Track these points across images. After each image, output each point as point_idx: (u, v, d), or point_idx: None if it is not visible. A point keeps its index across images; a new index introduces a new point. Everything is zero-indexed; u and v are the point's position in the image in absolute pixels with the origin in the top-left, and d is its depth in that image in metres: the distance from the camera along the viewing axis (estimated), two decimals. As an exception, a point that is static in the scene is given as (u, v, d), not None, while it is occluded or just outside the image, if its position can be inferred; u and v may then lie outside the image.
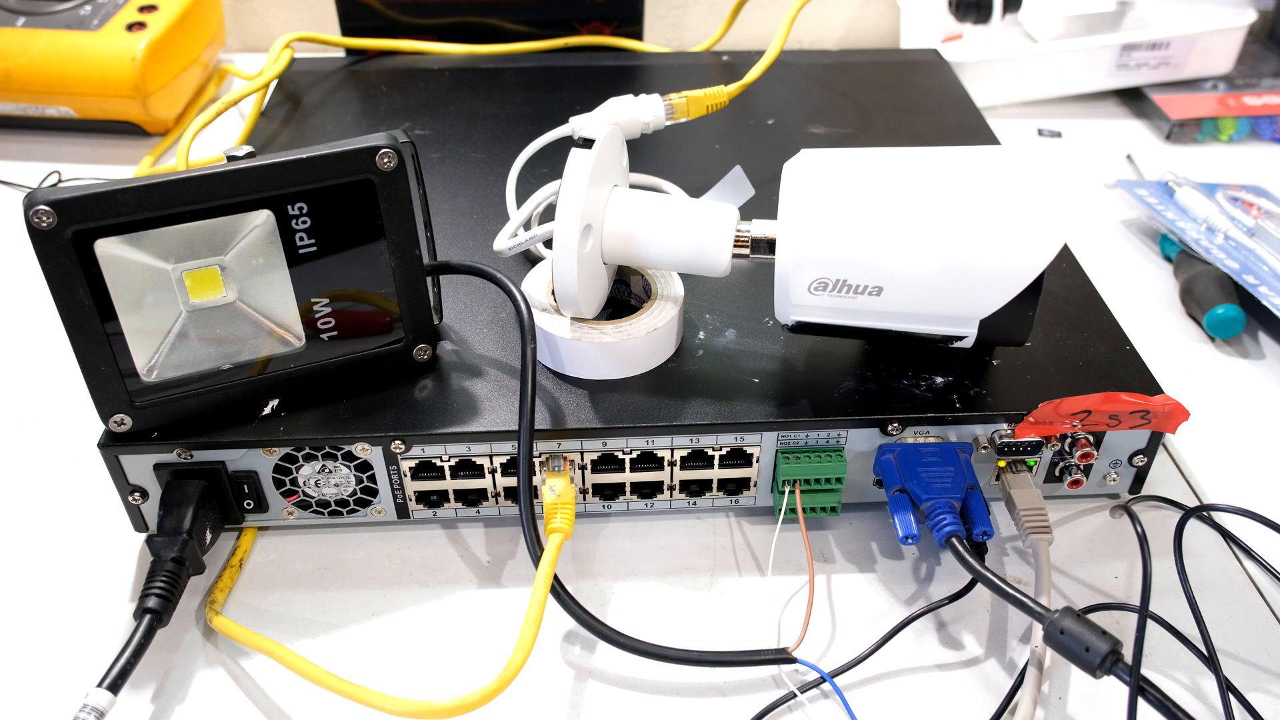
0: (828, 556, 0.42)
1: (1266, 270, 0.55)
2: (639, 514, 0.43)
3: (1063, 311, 0.46)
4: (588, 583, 0.41)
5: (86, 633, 0.39)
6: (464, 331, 0.44)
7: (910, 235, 0.36)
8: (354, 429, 0.39)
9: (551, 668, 0.38)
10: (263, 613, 0.40)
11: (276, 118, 0.63)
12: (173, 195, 0.35)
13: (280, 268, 0.38)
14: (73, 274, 0.34)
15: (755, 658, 0.37)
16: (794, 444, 0.41)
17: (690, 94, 0.53)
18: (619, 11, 0.74)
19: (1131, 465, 0.43)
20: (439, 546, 0.42)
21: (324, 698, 0.36)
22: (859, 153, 0.39)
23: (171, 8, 0.70)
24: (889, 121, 0.62)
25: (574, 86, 0.66)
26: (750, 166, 0.51)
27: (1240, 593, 0.41)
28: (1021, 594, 0.35)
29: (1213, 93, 0.75)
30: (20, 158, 0.69)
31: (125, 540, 0.42)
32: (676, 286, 0.43)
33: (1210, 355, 0.53)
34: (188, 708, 0.36)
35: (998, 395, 0.41)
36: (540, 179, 0.54)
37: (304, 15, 0.84)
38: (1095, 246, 0.61)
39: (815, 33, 0.87)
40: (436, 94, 0.65)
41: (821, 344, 0.43)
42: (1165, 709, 0.32)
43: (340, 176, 0.37)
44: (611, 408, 0.40)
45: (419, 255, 0.40)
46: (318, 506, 0.41)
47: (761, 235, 0.39)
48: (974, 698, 0.37)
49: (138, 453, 0.39)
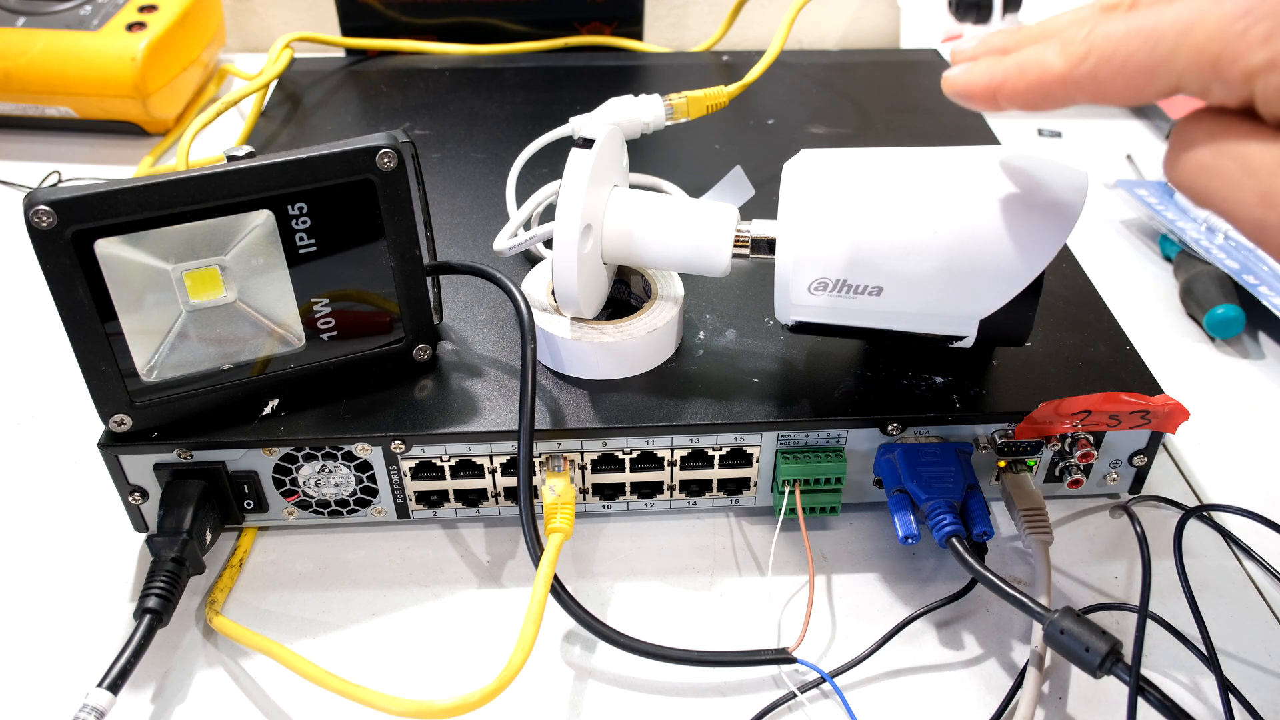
0: (828, 556, 0.42)
1: (1266, 270, 0.55)
2: (639, 514, 0.43)
3: (1063, 311, 0.46)
4: (588, 583, 0.41)
5: (86, 633, 0.39)
6: (464, 331, 0.44)
7: (910, 235, 0.36)
8: (354, 429, 0.39)
9: (551, 668, 0.38)
10: (263, 613, 0.40)
11: (276, 118, 0.63)
12: (173, 195, 0.35)
13: (280, 268, 0.38)
14: (73, 274, 0.34)
15: (755, 658, 0.37)
16: (794, 444, 0.41)
17: (690, 94, 0.53)
18: (619, 11, 0.74)
19: (1131, 465, 0.43)
20: (439, 546, 0.42)
21: (324, 698, 0.36)
22: (859, 153, 0.39)
23: (171, 8, 0.70)
24: (889, 121, 0.62)
25: (574, 86, 0.66)
26: (750, 166, 0.51)
27: (1240, 593, 0.41)
28: (1021, 594, 0.35)
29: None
30: (20, 158, 0.69)
31: (125, 540, 0.42)
32: (676, 286, 0.43)
33: (1210, 355, 0.53)
34: (188, 708, 0.36)
35: (998, 395, 0.41)
36: (540, 179, 0.54)
37: (304, 15, 0.84)
38: (1095, 246, 0.61)
39: (815, 33, 0.87)
40: (436, 94, 0.65)
41: (821, 344, 0.43)
42: (1165, 709, 0.32)
43: (340, 176, 0.37)
44: (611, 408, 0.40)
45: (419, 255, 0.40)
46: (318, 506, 0.41)
47: (761, 235, 0.39)
48: (974, 698, 0.37)
49: (138, 453, 0.39)
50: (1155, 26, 0.26)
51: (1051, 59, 0.29)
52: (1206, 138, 0.27)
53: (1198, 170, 0.27)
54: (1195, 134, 0.27)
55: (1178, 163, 0.28)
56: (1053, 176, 0.36)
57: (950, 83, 0.33)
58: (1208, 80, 0.26)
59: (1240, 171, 0.26)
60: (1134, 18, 0.27)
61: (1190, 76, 0.26)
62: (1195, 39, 0.25)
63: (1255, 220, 0.26)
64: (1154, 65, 0.26)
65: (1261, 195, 0.25)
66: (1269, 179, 0.25)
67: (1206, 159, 0.27)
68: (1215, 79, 0.25)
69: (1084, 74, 0.28)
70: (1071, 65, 0.28)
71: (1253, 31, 0.24)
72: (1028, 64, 0.30)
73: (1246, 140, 0.26)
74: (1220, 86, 0.26)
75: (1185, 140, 0.27)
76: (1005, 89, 0.31)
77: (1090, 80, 0.28)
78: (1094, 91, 0.28)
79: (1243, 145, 0.26)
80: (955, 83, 0.33)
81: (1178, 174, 0.28)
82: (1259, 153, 0.25)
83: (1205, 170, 0.27)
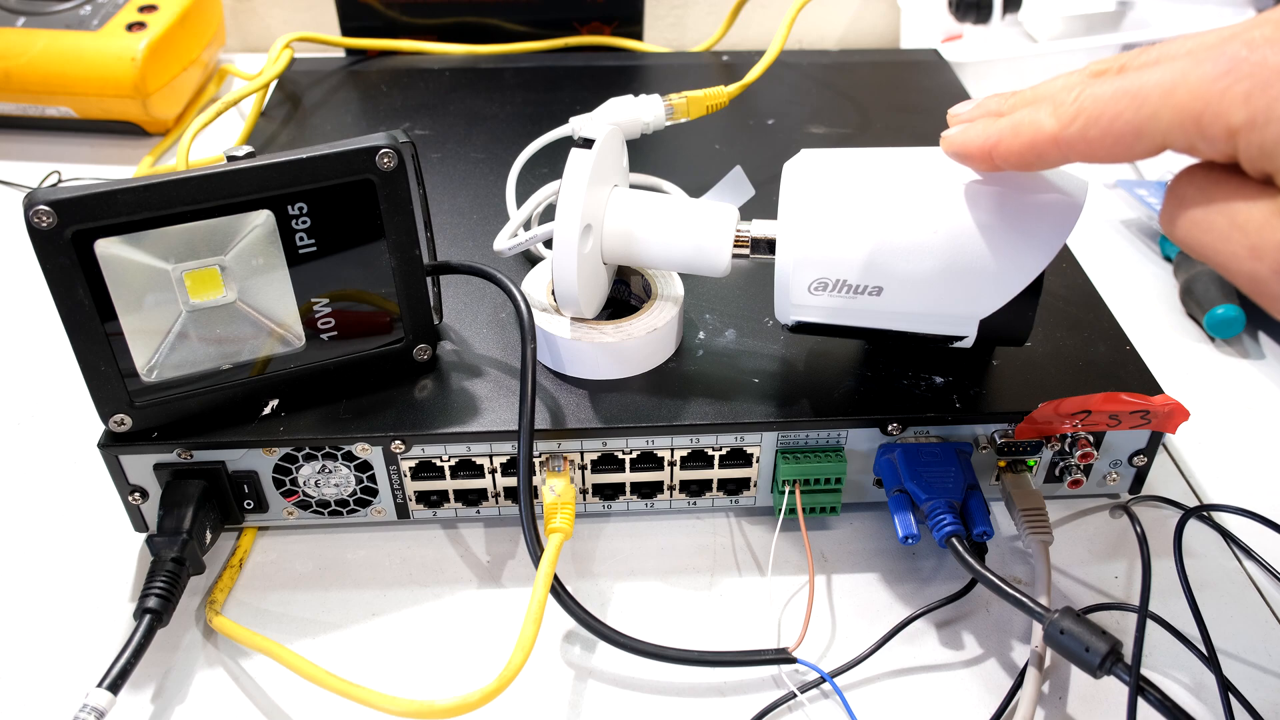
0: (828, 556, 0.42)
1: (1266, 270, 0.55)
2: (639, 514, 0.43)
3: (1063, 311, 0.46)
4: (588, 583, 0.41)
5: (86, 633, 0.39)
6: (464, 331, 0.44)
7: (910, 235, 0.36)
8: (354, 429, 0.39)
9: (551, 668, 0.38)
10: (263, 613, 0.40)
11: (276, 118, 0.63)
12: (173, 195, 0.35)
13: (280, 268, 0.38)
14: (73, 274, 0.34)
15: (755, 658, 0.37)
16: (794, 444, 0.41)
17: (690, 94, 0.53)
18: (619, 11, 0.74)
19: (1131, 465, 0.43)
20: (439, 546, 0.42)
21: (324, 698, 0.36)
22: (859, 153, 0.39)
23: (171, 8, 0.70)
24: (889, 121, 0.62)
25: (574, 86, 0.66)
26: (750, 166, 0.51)
27: (1240, 593, 0.41)
28: (1021, 594, 0.35)
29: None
30: (20, 158, 0.69)
31: (125, 540, 0.42)
32: (676, 286, 0.43)
33: (1210, 355, 0.53)
34: (188, 708, 0.36)
35: (998, 395, 0.41)
36: (540, 179, 0.54)
37: (304, 15, 0.84)
38: (1095, 246, 0.61)
39: (815, 33, 0.87)
40: (436, 94, 0.65)
41: (821, 344, 0.43)
42: (1165, 709, 0.32)
43: (340, 176, 0.37)
44: (611, 408, 0.40)
45: (419, 255, 0.40)
46: (318, 506, 0.41)
47: (761, 235, 0.39)
48: (974, 698, 0.37)
49: (138, 453, 0.39)
50: (1140, 88, 0.27)
51: (1044, 120, 0.30)
52: (1198, 194, 0.28)
53: (1190, 225, 0.28)
54: (1187, 190, 0.28)
55: (1172, 218, 0.29)
56: (1053, 176, 0.36)
57: (949, 142, 0.34)
58: (1192, 138, 0.27)
59: (1229, 226, 0.27)
60: (1121, 80, 0.28)
61: (1176, 134, 0.27)
62: (1178, 99, 0.27)
63: (1246, 273, 0.27)
64: (1140, 124, 0.28)
65: (1250, 249, 0.26)
66: (1256, 233, 0.26)
67: (1198, 216, 0.28)
68: (1199, 136, 0.27)
69: (1074, 134, 0.29)
70: (1063, 126, 0.30)
71: (1233, 91, 0.26)
72: (1021, 125, 0.31)
73: (1233, 197, 0.27)
74: (1205, 143, 0.27)
75: (1178, 196, 0.29)
76: (1000, 149, 0.32)
77: (1080, 140, 0.29)
78: (1085, 151, 0.29)
79: (1231, 202, 0.27)
80: (953, 142, 0.34)
81: (1173, 229, 0.29)
82: (1246, 209, 0.27)
83: (1197, 226, 0.28)
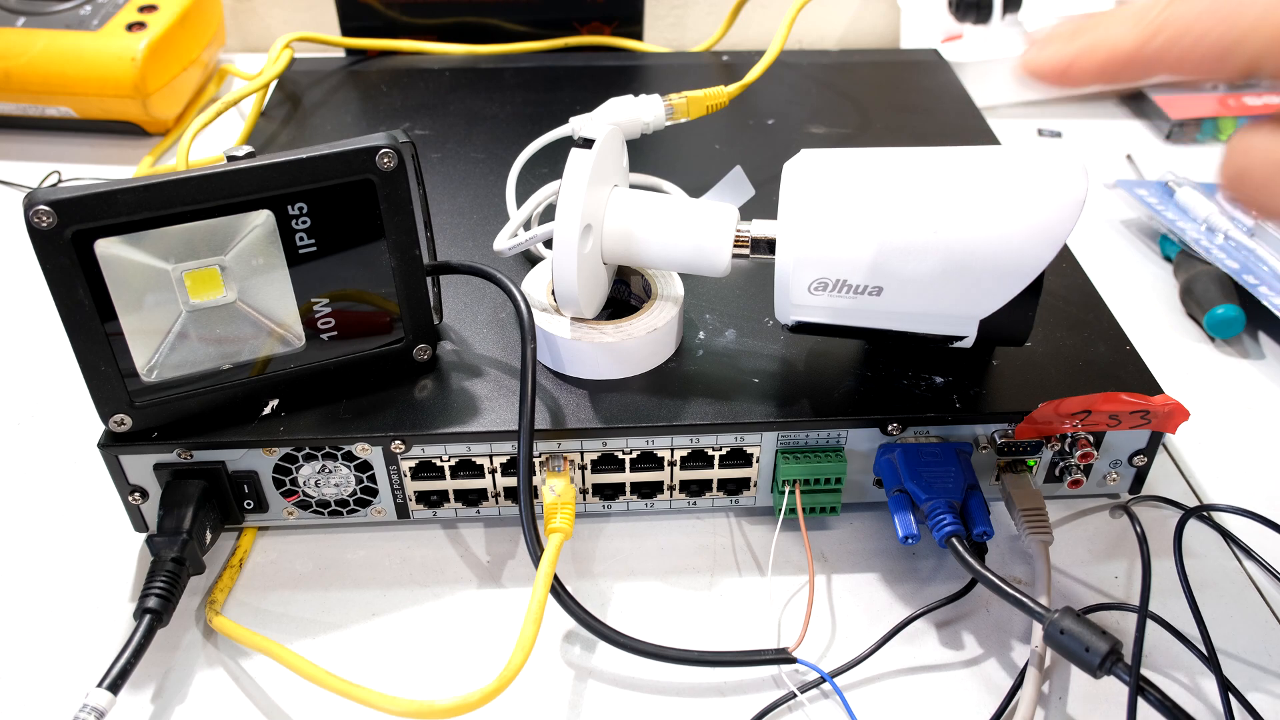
0: (828, 556, 0.42)
1: (1266, 270, 0.55)
2: (639, 514, 0.43)
3: (1063, 311, 0.46)
4: (588, 583, 0.41)
5: (86, 633, 0.39)
6: (464, 331, 0.44)
7: (910, 235, 0.36)
8: (354, 429, 0.39)
9: (551, 668, 0.38)
10: (263, 613, 0.40)
11: (276, 118, 0.63)
12: (173, 195, 0.35)
13: (280, 268, 0.38)
14: (73, 274, 0.34)
15: (755, 658, 0.37)
16: (794, 444, 0.41)
17: (690, 94, 0.53)
18: (619, 11, 0.74)
19: (1131, 465, 0.43)
20: (439, 546, 0.42)
21: (324, 698, 0.36)
22: (859, 153, 0.39)
23: (171, 8, 0.70)
24: (889, 121, 0.62)
25: (574, 86, 0.66)
26: (750, 166, 0.51)
27: (1240, 593, 0.41)
28: (1021, 594, 0.35)
29: (1213, 93, 0.75)
30: (20, 158, 0.69)
31: (125, 540, 0.42)
32: (676, 286, 0.43)
33: (1210, 355, 0.53)
34: (188, 708, 0.36)
35: (998, 395, 0.41)
36: (540, 179, 0.54)
37: (304, 15, 0.84)
38: (1095, 246, 0.61)
39: (815, 33, 0.87)
40: (436, 94, 0.65)
41: (821, 344, 0.43)
42: (1165, 709, 0.32)
43: (340, 176, 0.37)
44: (611, 408, 0.40)
45: (419, 255, 0.40)
46: (318, 506, 0.41)
47: (761, 235, 0.39)
48: (974, 698, 0.37)
49: (138, 453, 0.39)
50: (1234, 9, 0.26)
51: (1124, 35, 0.28)
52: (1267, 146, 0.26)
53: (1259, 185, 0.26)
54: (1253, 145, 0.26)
55: (1237, 176, 0.27)
56: (1053, 177, 0.36)
57: (1025, 64, 0.32)
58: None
59: None
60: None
61: (1268, 60, 0.25)
62: (1274, 22, 0.25)
63: None
64: (1229, 46, 0.26)
65: None
66: None
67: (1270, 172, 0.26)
68: None
69: (1153, 52, 0.27)
70: (1142, 42, 0.28)
71: None
72: (1100, 42, 0.29)
73: None
74: None
75: (1243, 150, 0.27)
76: (1076, 66, 0.30)
77: (1158, 59, 0.27)
78: (1164, 68, 0.28)
79: None
80: (1029, 63, 0.32)
81: (1237, 186, 0.27)
82: None
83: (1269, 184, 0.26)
